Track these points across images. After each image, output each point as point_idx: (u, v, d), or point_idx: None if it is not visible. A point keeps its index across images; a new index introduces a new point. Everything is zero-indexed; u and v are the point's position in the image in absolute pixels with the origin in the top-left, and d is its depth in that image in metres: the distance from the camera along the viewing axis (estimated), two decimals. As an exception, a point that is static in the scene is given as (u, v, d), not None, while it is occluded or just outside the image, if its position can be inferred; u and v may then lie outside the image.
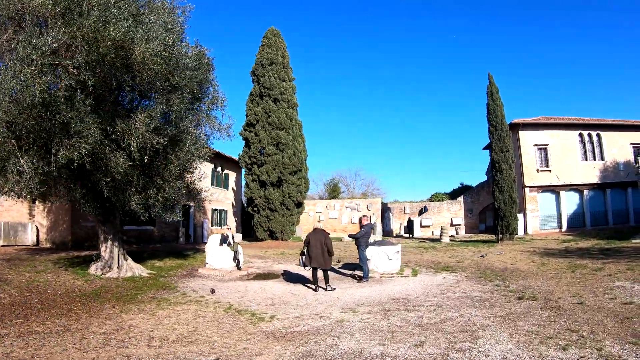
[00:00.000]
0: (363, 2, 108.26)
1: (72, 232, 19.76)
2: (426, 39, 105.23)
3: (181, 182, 12.57)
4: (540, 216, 28.35)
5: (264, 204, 26.53)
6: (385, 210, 34.39)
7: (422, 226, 31.94)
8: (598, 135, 29.22)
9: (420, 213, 33.34)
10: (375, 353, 5.53)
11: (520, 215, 26.20)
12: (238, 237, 29.46)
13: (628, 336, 5.67)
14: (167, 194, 11.87)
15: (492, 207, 23.57)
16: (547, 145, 28.62)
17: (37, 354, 5.64)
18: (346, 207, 32.95)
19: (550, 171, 28.39)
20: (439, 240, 24.94)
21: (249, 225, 28.95)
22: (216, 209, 31.50)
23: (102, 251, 12.59)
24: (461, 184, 40.96)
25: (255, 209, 27.08)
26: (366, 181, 58.12)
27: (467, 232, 31.67)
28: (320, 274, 10.94)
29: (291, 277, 12.82)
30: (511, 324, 6.62)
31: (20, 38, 8.15)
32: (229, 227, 17.47)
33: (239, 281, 12.51)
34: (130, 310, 8.27)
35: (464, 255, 16.73)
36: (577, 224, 28.43)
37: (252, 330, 6.89)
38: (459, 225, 31.73)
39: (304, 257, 11.06)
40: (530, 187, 28.29)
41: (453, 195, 36.80)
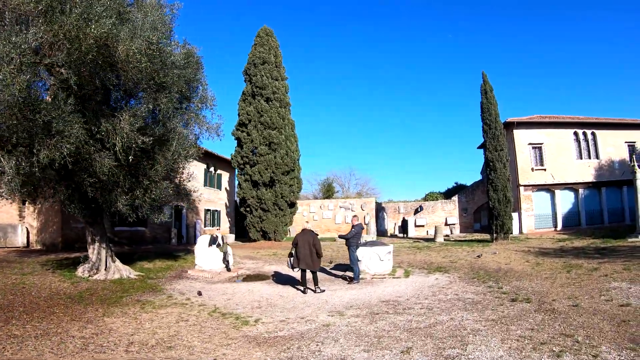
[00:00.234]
0: (361, 1, 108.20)
1: (63, 233, 19.64)
2: (422, 38, 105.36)
3: (168, 183, 12.27)
4: (535, 215, 28.14)
5: (257, 204, 26.29)
6: (380, 210, 34.14)
7: (416, 226, 31.68)
8: (593, 134, 29.08)
9: (416, 212, 33.11)
10: (358, 360, 5.29)
11: (515, 215, 26.01)
12: (231, 237, 29.30)
13: (625, 341, 5.42)
14: (154, 194, 11.62)
15: (486, 206, 23.36)
16: (541, 144, 28.42)
17: (12, 359, 5.50)
18: (340, 207, 32.68)
19: (545, 170, 28.20)
20: (433, 240, 24.68)
21: (243, 225, 28.69)
22: (209, 210, 31.21)
23: (89, 253, 12.37)
24: (456, 183, 40.82)
25: (248, 209, 26.85)
26: (361, 181, 58.01)
27: (462, 231, 31.44)
28: (309, 275, 10.73)
29: (281, 279, 12.59)
30: (503, 328, 6.35)
31: (0, 36, 7.92)
32: (218, 228, 17.20)
33: (227, 283, 12.32)
34: (113, 313, 8.09)
35: (457, 256, 16.47)
36: (572, 222, 28.26)
37: (234, 335, 6.70)
38: (453, 224, 31.49)
39: (292, 258, 10.88)
40: (525, 186, 28.08)
41: (448, 194, 36.60)
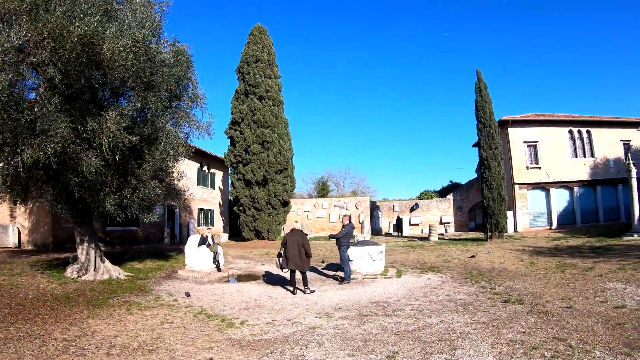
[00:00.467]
0: (358, 1, 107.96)
1: (54, 233, 19.69)
2: (417, 36, 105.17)
3: (157, 182, 12.06)
4: (530, 213, 28.02)
5: (250, 204, 26.09)
6: (374, 208, 33.91)
7: (411, 224, 31.49)
8: (588, 132, 28.95)
9: (412, 210, 32.93)
10: (342, 365, 5.11)
11: (510, 213, 25.87)
12: (224, 237, 29.11)
13: (620, 345, 5.21)
14: (142, 194, 11.46)
15: (481, 205, 23.18)
16: (536, 142, 28.29)
17: (-8, 362, 5.39)
18: (334, 206, 32.43)
19: (540, 168, 28.07)
20: (427, 238, 24.47)
21: (236, 225, 28.49)
22: (202, 209, 31.04)
23: (78, 253, 12.26)
24: (450, 181, 40.62)
25: (241, 208, 26.66)
26: (356, 179, 57.87)
27: (457, 230, 31.29)
28: (298, 275, 10.57)
29: (272, 279, 12.41)
30: (494, 331, 6.14)
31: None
32: (209, 227, 16.98)
33: (216, 283, 12.18)
34: (98, 315, 7.93)
35: (451, 255, 16.28)
36: (567, 221, 28.16)
37: (218, 338, 6.54)
38: (448, 223, 31.31)
39: (281, 258, 10.70)
40: (519, 184, 27.94)
41: (442, 193, 36.42)
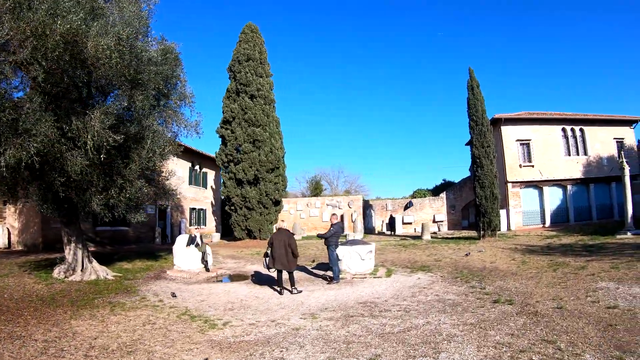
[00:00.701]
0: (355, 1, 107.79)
1: (43, 234, 19.62)
2: (412, 35, 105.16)
3: (143, 182, 11.86)
4: (523, 212, 27.93)
5: (241, 203, 25.87)
6: (367, 207, 33.74)
7: (404, 223, 31.34)
8: (581, 130, 28.91)
9: (406, 208, 32.84)
10: (320, 369, 4.94)
11: (503, 211, 25.81)
12: (216, 236, 28.95)
13: (611, 348, 5.02)
14: (128, 193, 11.34)
15: (474, 203, 23.05)
16: (529, 140, 28.20)
17: (-31, 363, 5.32)
18: (327, 205, 32.22)
19: (533, 166, 27.98)
20: (420, 237, 24.29)
21: (229, 224, 28.28)
22: (194, 208, 30.84)
23: (66, 253, 12.15)
24: (444, 180, 40.49)
25: (233, 207, 26.45)
26: (349, 178, 57.73)
27: (450, 228, 31.19)
28: (285, 275, 10.44)
29: (261, 279, 12.23)
30: (481, 333, 5.94)
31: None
32: (197, 227, 16.78)
33: (204, 283, 12.06)
34: (81, 315, 7.83)
35: (442, 254, 16.10)
36: (560, 219, 28.12)
37: (199, 339, 6.42)
38: (441, 221, 31.18)
39: (267, 258, 10.57)
40: (512, 182, 27.84)
41: (436, 191, 36.30)
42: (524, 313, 6.93)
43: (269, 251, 10.43)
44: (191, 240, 14.27)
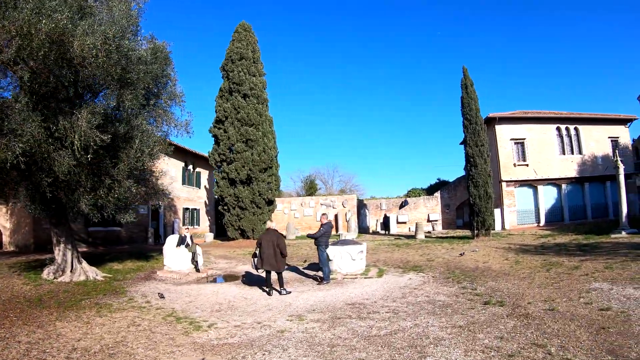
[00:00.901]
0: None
1: (35, 234, 19.67)
2: (407, 34, 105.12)
3: (131, 182, 11.69)
4: (518, 211, 27.82)
5: (234, 203, 25.71)
6: (361, 206, 33.59)
7: (398, 222, 31.18)
8: (576, 129, 28.85)
9: (401, 206, 32.72)
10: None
11: (498, 210, 25.71)
12: (210, 236, 28.82)
13: (603, 352, 4.85)
14: (117, 193, 11.20)
15: (468, 203, 22.94)
16: (524, 139, 28.11)
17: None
18: (321, 205, 32.03)
19: (527, 165, 27.90)
20: (414, 237, 24.18)
21: (223, 224, 28.09)
22: (188, 208, 30.67)
23: (55, 254, 12.05)
24: (438, 179, 40.37)
25: (226, 207, 26.31)
26: (344, 178, 57.42)
27: (445, 227, 31.07)
28: (274, 276, 10.29)
29: (251, 279, 12.05)
30: (470, 336, 5.76)
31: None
32: (187, 227, 16.60)
33: (193, 284, 11.90)
34: (67, 317, 7.75)
35: (435, 254, 15.96)
36: (555, 218, 28.05)
37: (182, 342, 6.32)
38: (435, 221, 31.05)
39: (255, 259, 10.39)
40: (507, 181, 27.73)
41: (430, 190, 36.18)
42: (515, 315, 6.77)
43: (257, 252, 10.27)
44: (181, 241, 14.09)
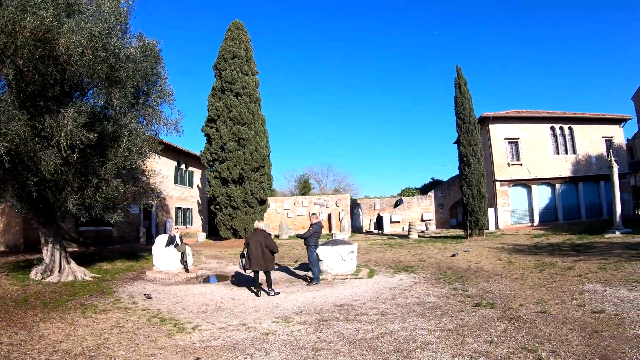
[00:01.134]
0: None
1: (25, 234, 19.43)
2: (402, 33, 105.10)
3: (119, 181, 11.50)
4: (512, 210, 27.77)
5: (226, 202, 25.51)
6: (355, 206, 33.41)
7: (392, 222, 31.03)
8: (570, 129, 28.86)
9: (396, 205, 32.59)
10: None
11: (491, 210, 25.65)
12: (202, 236, 28.59)
13: (596, 357, 4.67)
14: (105, 193, 11.05)
15: (462, 202, 22.82)
16: (518, 138, 28.07)
17: None
18: (314, 204, 31.83)
19: (521, 165, 27.85)
20: (407, 236, 24.02)
21: (215, 223, 27.89)
22: (180, 208, 30.42)
23: (43, 254, 11.90)
24: (432, 178, 40.26)
25: (218, 207, 26.11)
26: (338, 177, 57.37)
27: (438, 227, 30.97)
28: (263, 276, 10.13)
29: (240, 280, 11.88)
30: (458, 340, 5.57)
31: None
32: (176, 227, 16.36)
33: (182, 285, 11.73)
34: (51, 318, 7.66)
35: (428, 254, 15.78)
36: (549, 218, 28.04)
37: (164, 344, 6.19)
38: (429, 220, 30.91)
39: (243, 259, 10.20)
40: (501, 181, 27.67)
41: (424, 190, 36.06)
42: (506, 318, 6.58)
43: (245, 252, 10.10)
44: (170, 241, 13.87)
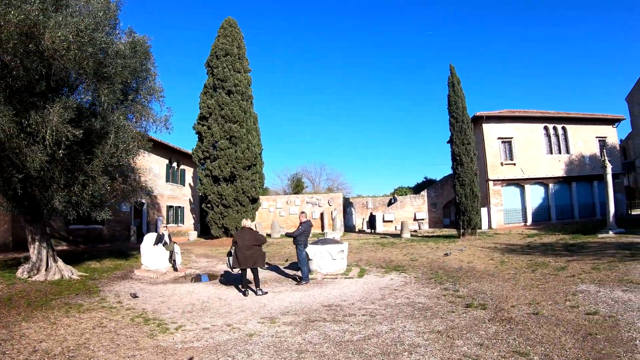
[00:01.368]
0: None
1: (13, 232, 19.09)
2: (398, 32, 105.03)
3: (106, 178, 11.29)
4: (505, 210, 27.70)
5: (218, 200, 25.28)
6: (348, 205, 33.25)
7: (384, 221, 30.90)
8: (563, 129, 28.83)
9: (390, 204, 32.52)
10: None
11: (484, 209, 25.58)
12: (194, 234, 28.37)
13: (589, 362, 4.48)
14: (91, 190, 10.93)
15: (455, 201, 22.72)
16: (511, 138, 28.00)
17: None
18: (307, 203, 31.64)
19: (514, 164, 27.78)
20: (399, 235, 23.86)
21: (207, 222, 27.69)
22: (172, 206, 30.16)
23: (30, 252, 11.77)
24: (425, 177, 40.20)
25: (209, 205, 25.88)
26: (332, 176, 57.03)
27: (431, 226, 30.91)
28: (250, 275, 9.91)
29: (229, 279, 11.72)
30: (447, 343, 5.37)
31: None
32: (165, 225, 16.13)
33: (170, 284, 11.57)
34: (33, 317, 7.54)
35: (420, 253, 15.63)
36: (542, 217, 28.01)
37: (145, 345, 6.06)
38: (422, 219, 30.82)
39: (231, 258, 10.01)
40: (494, 180, 27.58)
41: (417, 189, 35.99)
42: (497, 319, 6.39)
43: (232, 250, 9.92)
44: (159, 239, 13.69)
